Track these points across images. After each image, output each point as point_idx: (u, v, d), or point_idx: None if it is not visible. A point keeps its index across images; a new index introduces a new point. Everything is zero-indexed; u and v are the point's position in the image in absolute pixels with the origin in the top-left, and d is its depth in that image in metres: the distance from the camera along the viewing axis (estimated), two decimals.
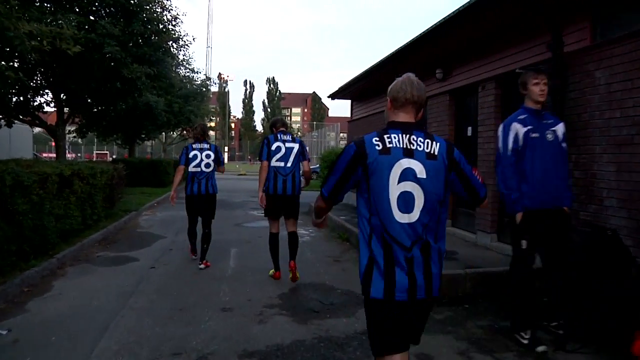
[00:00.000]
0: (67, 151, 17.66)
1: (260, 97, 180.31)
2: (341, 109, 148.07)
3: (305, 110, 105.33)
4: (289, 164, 5.42)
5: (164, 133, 30.55)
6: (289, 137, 5.53)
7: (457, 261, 5.82)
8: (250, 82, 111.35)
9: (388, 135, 2.11)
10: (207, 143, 6.36)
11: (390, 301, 2.08)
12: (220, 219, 8.54)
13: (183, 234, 7.15)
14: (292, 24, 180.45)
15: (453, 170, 2.15)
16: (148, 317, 4.41)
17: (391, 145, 2.09)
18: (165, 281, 5.66)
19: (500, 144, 3.97)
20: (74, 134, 20.37)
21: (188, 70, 24.62)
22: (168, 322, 4.29)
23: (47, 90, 12.74)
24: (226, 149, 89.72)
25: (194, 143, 6.34)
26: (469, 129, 7.63)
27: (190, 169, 6.23)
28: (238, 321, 4.35)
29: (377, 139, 2.10)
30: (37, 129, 23.80)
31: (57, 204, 6.50)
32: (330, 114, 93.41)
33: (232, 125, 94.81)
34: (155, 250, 7.38)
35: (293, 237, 5.57)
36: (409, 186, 2.07)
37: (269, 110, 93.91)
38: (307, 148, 6.06)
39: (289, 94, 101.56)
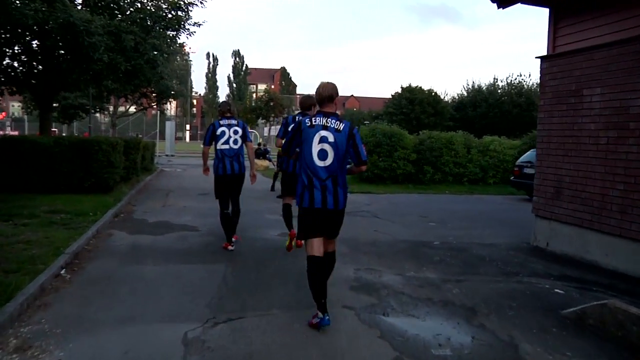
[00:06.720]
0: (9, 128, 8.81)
1: (224, 72, 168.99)
2: (314, 86, 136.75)
3: (273, 86, 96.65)
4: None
5: (112, 96, 20.54)
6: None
7: None
8: (214, 55, 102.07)
9: (314, 118, 3.93)
10: (235, 119, 6.21)
11: (312, 208, 3.90)
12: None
13: None
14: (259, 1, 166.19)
15: (351, 139, 3.92)
16: None
17: (315, 123, 3.90)
18: None
19: None
20: None
21: None
22: None
23: None
24: (188, 127, 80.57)
25: (220, 119, 6.14)
26: None
27: (219, 146, 6.09)
28: None
29: (308, 120, 3.93)
30: None
31: None
32: (300, 90, 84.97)
33: (194, 101, 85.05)
34: None
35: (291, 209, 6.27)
36: (324, 146, 3.88)
37: (234, 85, 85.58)
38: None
39: (256, 69, 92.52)
